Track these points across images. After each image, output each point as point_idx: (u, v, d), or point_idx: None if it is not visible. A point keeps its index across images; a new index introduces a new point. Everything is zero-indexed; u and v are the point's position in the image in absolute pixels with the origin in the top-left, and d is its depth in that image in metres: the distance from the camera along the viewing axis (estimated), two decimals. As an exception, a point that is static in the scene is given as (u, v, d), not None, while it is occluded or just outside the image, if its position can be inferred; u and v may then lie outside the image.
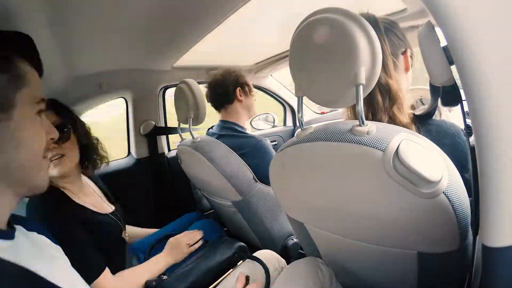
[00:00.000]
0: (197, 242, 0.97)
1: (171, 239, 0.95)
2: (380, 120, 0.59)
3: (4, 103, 0.41)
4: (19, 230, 0.47)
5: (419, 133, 0.57)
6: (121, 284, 0.76)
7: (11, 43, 0.45)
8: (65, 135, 0.79)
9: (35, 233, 0.52)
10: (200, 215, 1.34)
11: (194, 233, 0.99)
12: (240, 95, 1.17)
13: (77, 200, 0.80)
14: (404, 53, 0.63)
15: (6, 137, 0.41)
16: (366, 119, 0.59)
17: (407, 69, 0.64)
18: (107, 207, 0.90)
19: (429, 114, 0.60)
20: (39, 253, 0.47)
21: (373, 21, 0.60)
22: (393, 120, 0.59)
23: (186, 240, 0.95)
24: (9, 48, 0.44)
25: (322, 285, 0.67)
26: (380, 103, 0.59)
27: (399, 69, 0.62)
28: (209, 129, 1.25)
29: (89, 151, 0.90)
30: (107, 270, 0.74)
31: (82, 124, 0.90)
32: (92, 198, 0.88)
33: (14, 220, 0.47)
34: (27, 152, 0.43)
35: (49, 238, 0.55)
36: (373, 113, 0.60)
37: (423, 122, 0.60)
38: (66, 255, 0.57)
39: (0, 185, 0.42)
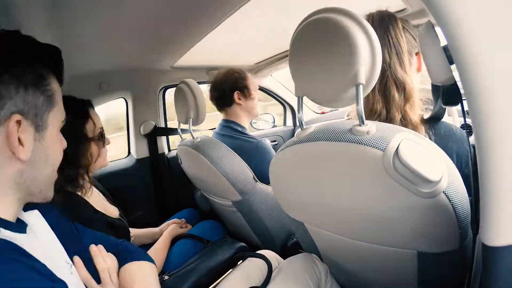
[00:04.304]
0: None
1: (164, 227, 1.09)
2: (393, 117, 0.59)
3: (42, 124, 0.42)
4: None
5: (429, 134, 0.58)
6: None
7: (44, 58, 0.43)
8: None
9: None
10: (201, 215, 1.34)
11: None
12: (239, 98, 1.15)
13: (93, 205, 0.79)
14: (417, 53, 0.63)
15: (40, 155, 0.42)
16: (380, 115, 0.60)
17: (418, 69, 0.64)
18: (114, 210, 0.90)
19: (438, 116, 0.60)
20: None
21: (392, 18, 0.60)
22: (404, 118, 0.59)
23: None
24: (43, 64, 0.43)
25: (317, 280, 0.67)
26: (396, 99, 0.59)
27: (412, 68, 0.62)
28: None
29: None
30: None
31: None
32: (100, 201, 0.88)
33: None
34: (51, 167, 0.45)
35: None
36: (387, 109, 0.60)
37: (433, 125, 0.60)
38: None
39: (17, 194, 0.41)
